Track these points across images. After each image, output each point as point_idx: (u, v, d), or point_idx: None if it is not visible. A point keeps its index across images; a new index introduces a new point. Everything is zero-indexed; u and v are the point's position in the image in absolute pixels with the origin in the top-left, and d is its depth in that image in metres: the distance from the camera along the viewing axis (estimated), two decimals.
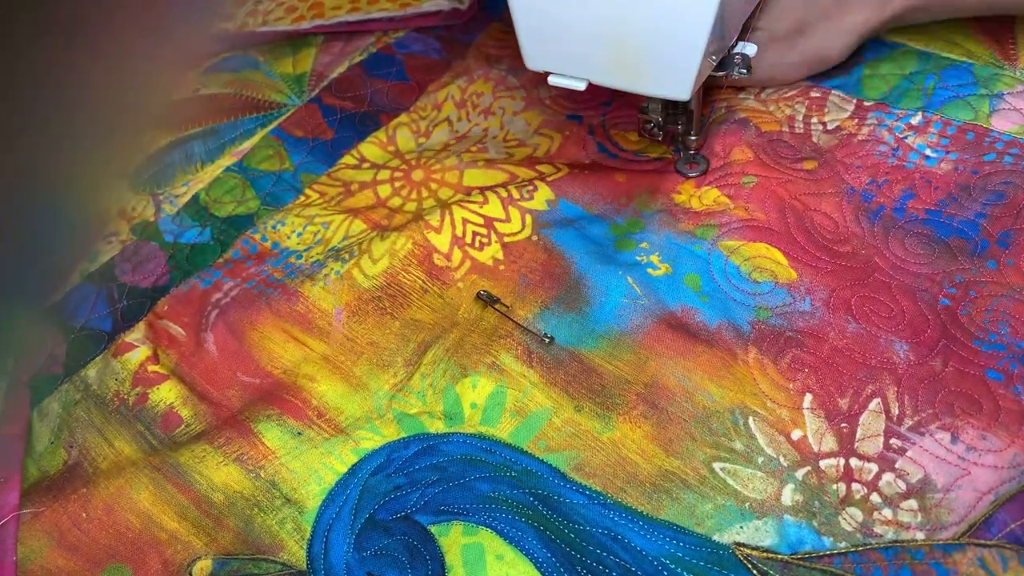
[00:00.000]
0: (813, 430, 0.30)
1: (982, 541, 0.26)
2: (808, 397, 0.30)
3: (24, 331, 0.39)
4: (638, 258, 0.35)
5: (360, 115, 0.44)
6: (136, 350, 0.35)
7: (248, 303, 0.36)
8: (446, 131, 0.43)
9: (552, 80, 0.33)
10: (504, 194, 0.38)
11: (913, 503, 0.27)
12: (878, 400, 0.30)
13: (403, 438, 0.31)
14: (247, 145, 0.43)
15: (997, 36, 0.39)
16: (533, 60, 0.33)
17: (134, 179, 0.43)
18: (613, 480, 0.29)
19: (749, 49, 0.34)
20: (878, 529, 0.27)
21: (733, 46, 0.35)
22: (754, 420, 0.30)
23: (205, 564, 0.29)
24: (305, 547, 0.29)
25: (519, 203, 0.37)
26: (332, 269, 0.37)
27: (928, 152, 0.36)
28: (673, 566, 0.27)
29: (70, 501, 0.31)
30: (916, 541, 0.27)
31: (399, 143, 0.43)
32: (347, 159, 0.42)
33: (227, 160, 0.43)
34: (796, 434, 0.30)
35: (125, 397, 0.34)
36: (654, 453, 0.30)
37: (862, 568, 0.26)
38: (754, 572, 0.27)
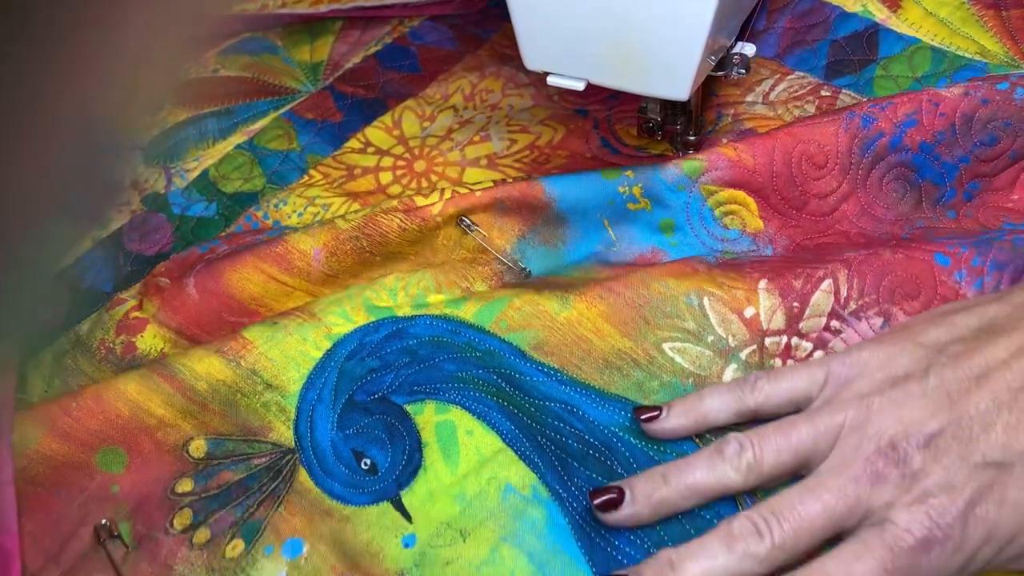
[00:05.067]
0: (766, 307, 0.31)
1: None
2: (764, 281, 0.32)
3: (38, 294, 0.40)
4: (620, 189, 0.35)
5: (370, 101, 0.45)
6: (125, 303, 0.37)
7: (232, 251, 0.37)
8: (451, 116, 0.43)
9: (551, 80, 0.34)
10: (500, 178, 0.38)
11: None
12: (830, 281, 0.31)
13: (372, 322, 0.33)
14: (258, 125, 0.44)
15: (1013, 32, 0.38)
16: (532, 60, 0.34)
17: (148, 152, 0.45)
18: (569, 358, 0.32)
19: (748, 49, 0.34)
20: None
21: (732, 46, 0.35)
22: (709, 300, 0.32)
23: (199, 443, 0.31)
24: (292, 427, 0.31)
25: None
26: (316, 218, 0.38)
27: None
28: (622, 433, 0.30)
29: (60, 397, 0.32)
30: None
31: (404, 127, 0.43)
32: (352, 142, 0.43)
33: (238, 138, 0.44)
34: (749, 312, 0.31)
35: (111, 345, 0.35)
36: (608, 332, 0.32)
37: None
38: (696, 441, 0.29)
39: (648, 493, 0.27)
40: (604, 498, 0.27)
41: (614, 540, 0.27)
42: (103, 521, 0.30)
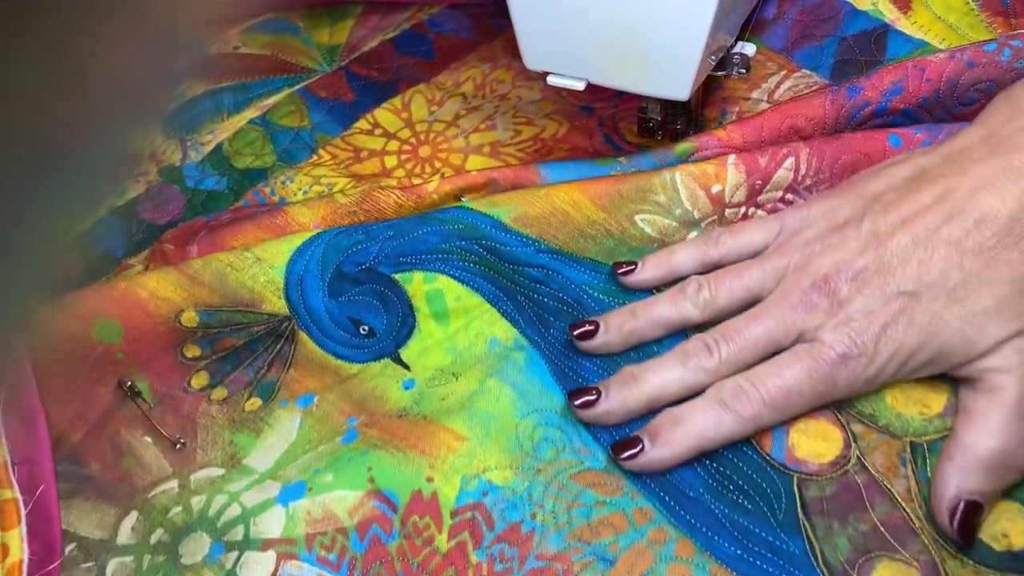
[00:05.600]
0: (732, 184, 0.34)
1: None
2: (733, 156, 0.34)
3: (58, 257, 0.42)
4: (614, 174, 0.36)
5: (383, 83, 0.45)
6: (132, 268, 0.38)
7: (234, 220, 0.38)
8: (459, 103, 0.44)
9: (551, 80, 0.34)
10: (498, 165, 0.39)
11: None
12: (792, 159, 0.33)
13: None
14: (272, 100, 0.45)
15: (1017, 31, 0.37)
16: (532, 60, 0.34)
17: (167, 124, 0.46)
18: (547, 228, 0.34)
19: (748, 49, 0.34)
20: None
21: (732, 46, 0.34)
22: (681, 175, 0.34)
23: (190, 315, 0.34)
24: (283, 296, 0.34)
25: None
26: (317, 193, 0.39)
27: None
28: (592, 292, 0.34)
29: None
30: None
31: (412, 110, 0.44)
32: (362, 123, 0.44)
33: (252, 112, 0.45)
34: (715, 188, 0.34)
35: None
36: (584, 205, 0.34)
37: None
38: (653, 290, 0.33)
39: (619, 324, 0.31)
40: (582, 329, 0.32)
41: (581, 372, 0.32)
42: (125, 380, 0.32)
